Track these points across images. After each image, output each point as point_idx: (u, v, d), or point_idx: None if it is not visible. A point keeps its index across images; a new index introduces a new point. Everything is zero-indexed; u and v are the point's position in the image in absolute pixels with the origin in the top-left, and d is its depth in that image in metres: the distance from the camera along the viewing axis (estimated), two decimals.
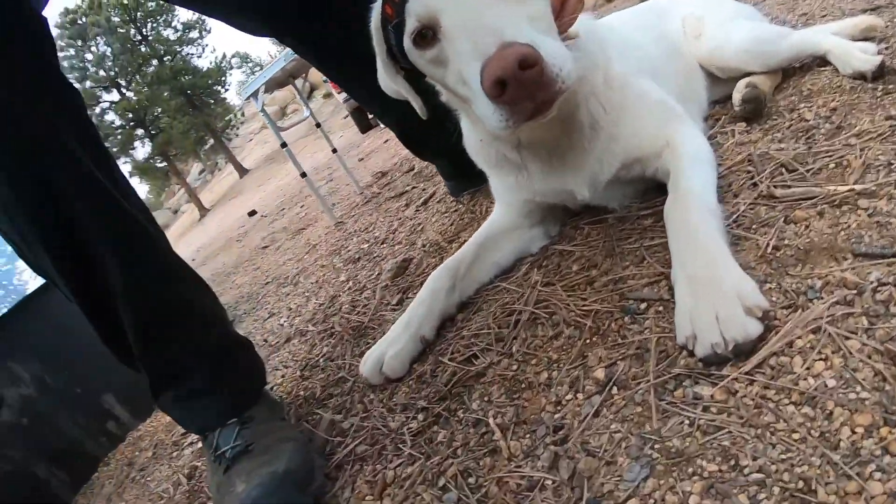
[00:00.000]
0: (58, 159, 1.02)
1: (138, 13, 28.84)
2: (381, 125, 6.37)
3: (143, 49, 29.90)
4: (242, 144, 38.71)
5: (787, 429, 0.61)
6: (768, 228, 0.90)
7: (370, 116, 8.48)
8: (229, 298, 3.53)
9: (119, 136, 29.70)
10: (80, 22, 28.26)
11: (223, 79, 32.34)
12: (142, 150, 32.02)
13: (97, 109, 29.43)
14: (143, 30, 29.71)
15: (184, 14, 31.05)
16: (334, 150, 4.01)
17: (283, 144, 3.38)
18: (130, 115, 29.63)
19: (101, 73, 29.50)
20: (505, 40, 0.77)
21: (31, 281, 2.25)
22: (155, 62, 30.16)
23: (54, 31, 1.22)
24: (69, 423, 2.16)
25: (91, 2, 27.96)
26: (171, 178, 34.98)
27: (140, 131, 30.46)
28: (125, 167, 32.17)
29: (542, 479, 0.74)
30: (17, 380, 2.10)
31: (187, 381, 1.13)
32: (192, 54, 31.28)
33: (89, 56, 29.38)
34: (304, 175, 3.43)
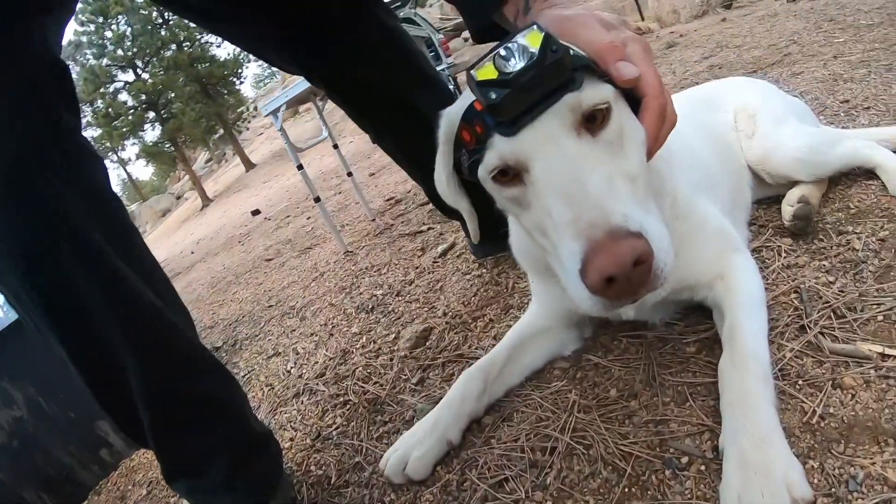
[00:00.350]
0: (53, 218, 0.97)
1: None
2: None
3: (163, 32, 29.87)
4: (252, 138, 38.75)
5: None
6: (815, 391, 0.88)
7: None
8: (230, 312, 3.50)
9: (130, 117, 29.73)
10: None
11: (239, 71, 32.28)
12: (152, 132, 32.10)
13: (111, 88, 29.47)
14: (165, 13, 29.72)
15: None
16: (349, 174, 3.99)
17: (300, 167, 3.35)
18: (144, 98, 29.65)
19: (119, 52, 29.49)
20: (613, 223, 0.68)
21: None
22: (174, 47, 30.15)
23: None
24: (61, 449, 2.10)
25: None
26: (177, 164, 34.99)
27: (152, 114, 30.47)
28: (133, 148, 32.18)
29: None
30: (10, 401, 2.05)
31: (203, 477, 1.10)
32: (212, 43, 31.21)
33: (108, 34, 29.38)
34: (318, 200, 3.40)
